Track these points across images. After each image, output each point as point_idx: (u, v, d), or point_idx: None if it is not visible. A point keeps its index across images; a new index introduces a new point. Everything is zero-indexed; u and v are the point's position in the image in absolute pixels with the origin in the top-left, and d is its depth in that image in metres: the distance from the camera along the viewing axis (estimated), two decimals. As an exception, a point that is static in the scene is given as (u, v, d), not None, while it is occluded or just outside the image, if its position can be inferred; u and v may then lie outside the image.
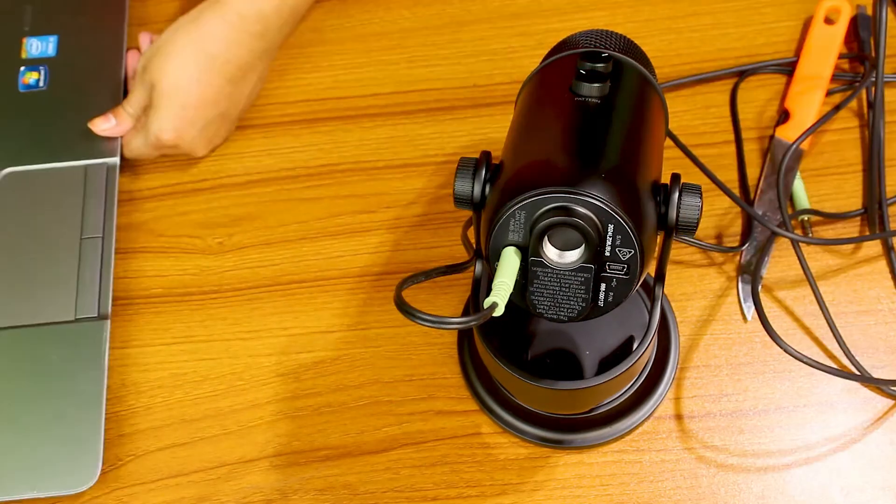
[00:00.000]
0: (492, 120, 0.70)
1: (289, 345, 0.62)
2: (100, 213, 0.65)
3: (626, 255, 0.43)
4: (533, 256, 0.43)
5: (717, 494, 0.55)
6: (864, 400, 0.58)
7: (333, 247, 0.66)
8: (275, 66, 0.71)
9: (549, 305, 0.45)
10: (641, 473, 0.56)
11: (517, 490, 0.56)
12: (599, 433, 0.57)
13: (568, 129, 0.47)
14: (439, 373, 0.60)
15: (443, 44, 0.73)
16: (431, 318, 0.41)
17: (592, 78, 0.47)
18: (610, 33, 0.54)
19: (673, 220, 0.46)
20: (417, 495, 0.57)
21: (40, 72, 0.71)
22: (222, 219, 0.67)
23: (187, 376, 0.62)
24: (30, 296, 0.62)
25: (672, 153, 0.67)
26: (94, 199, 0.65)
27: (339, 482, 0.57)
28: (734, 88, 0.69)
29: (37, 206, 0.66)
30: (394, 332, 0.62)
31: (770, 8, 0.73)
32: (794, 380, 0.59)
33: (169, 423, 0.60)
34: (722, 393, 0.58)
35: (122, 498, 0.58)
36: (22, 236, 0.64)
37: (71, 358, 0.60)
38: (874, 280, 0.61)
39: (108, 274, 0.63)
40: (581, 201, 0.42)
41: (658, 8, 0.74)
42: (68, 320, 0.61)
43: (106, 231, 0.64)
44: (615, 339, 0.56)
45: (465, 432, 0.58)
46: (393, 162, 0.68)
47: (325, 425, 0.59)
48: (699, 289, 0.62)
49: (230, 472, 0.58)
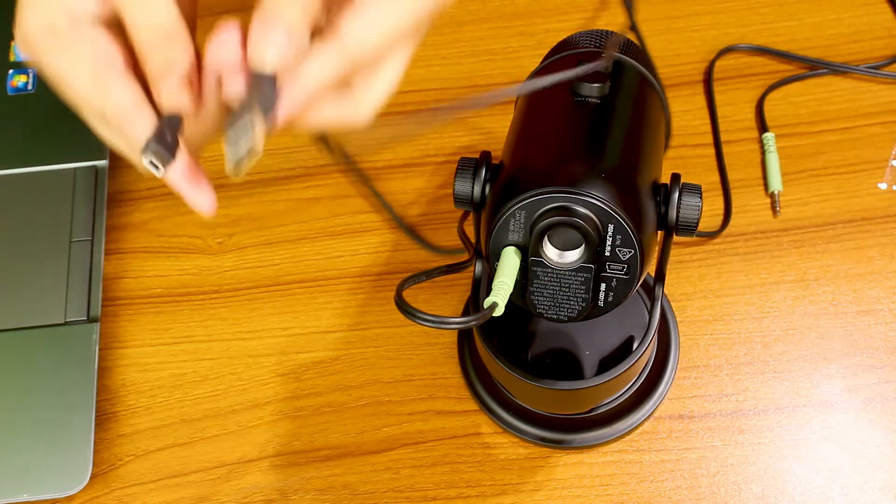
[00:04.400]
0: (492, 120, 0.70)
1: (289, 345, 0.62)
2: (89, 215, 0.65)
3: (626, 255, 0.43)
4: (533, 256, 0.43)
5: (717, 494, 0.55)
6: (865, 400, 0.58)
7: (333, 247, 0.66)
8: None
9: (549, 305, 0.45)
10: (641, 473, 0.56)
11: (517, 490, 0.56)
12: (599, 433, 0.57)
13: (568, 129, 0.47)
14: (439, 373, 0.60)
15: (442, 44, 0.73)
16: (431, 318, 0.41)
17: (592, 78, 0.47)
18: (610, 33, 0.54)
19: (673, 220, 0.46)
20: (417, 495, 0.57)
21: (28, 75, 0.71)
22: (222, 219, 0.67)
23: (187, 376, 0.62)
24: (19, 299, 0.62)
25: (672, 153, 0.67)
26: (83, 202, 0.66)
27: (339, 482, 0.57)
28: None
29: (25, 209, 0.66)
30: (394, 332, 0.62)
31: (769, 8, 0.73)
32: (794, 380, 0.59)
33: (169, 423, 0.60)
34: (722, 393, 0.58)
35: (121, 498, 0.58)
36: (10, 239, 0.64)
37: (60, 361, 0.60)
38: (874, 280, 0.61)
39: (97, 277, 0.63)
40: (581, 201, 0.42)
41: (658, 8, 0.74)
42: (57, 323, 0.61)
43: (95, 234, 0.64)
44: (615, 339, 0.56)
45: (465, 432, 0.58)
46: (393, 162, 0.68)
47: (325, 425, 0.59)
48: (699, 289, 0.62)
49: (230, 472, 0.58)
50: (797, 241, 0.63)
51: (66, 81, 0.40)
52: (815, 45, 0.71)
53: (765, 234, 0.64)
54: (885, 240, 0.63)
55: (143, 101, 0.40)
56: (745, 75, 0.70)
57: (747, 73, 0.70)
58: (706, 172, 0.66)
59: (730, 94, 0.70)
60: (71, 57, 0.40)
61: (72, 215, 0.65)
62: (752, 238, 0.64)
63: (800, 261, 0.62)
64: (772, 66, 0.71)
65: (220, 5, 0.78)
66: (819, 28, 0.72)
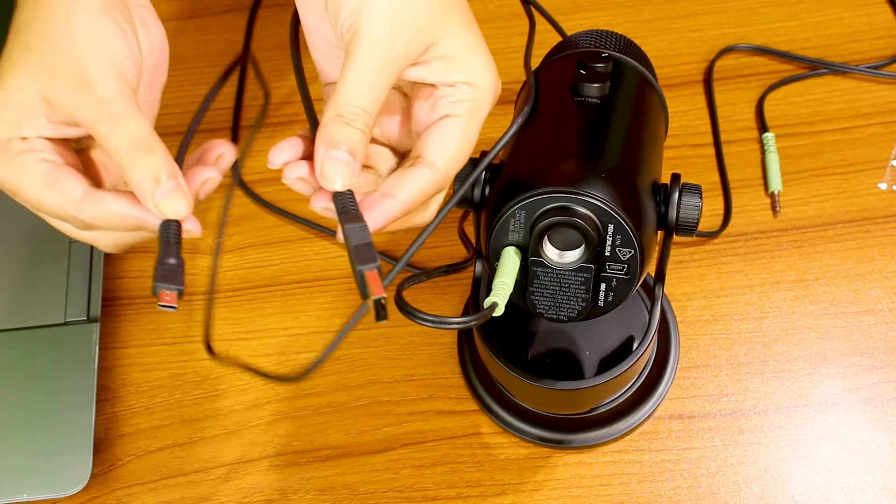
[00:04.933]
0: (492, 120, 0.69)
1: (289, 345, 0.62)
2: None
3: (626, 255, 0.43)
4: (533, 256, 0.43)
5: (717, 494, 0.55)
6: (865, 400, 0.58)
7: (333, 247, 0.66)
8: (275, 66, 0.71)
9: (549, 305, 0.45)
10: (641, 473, 0.56)
11: (517, 490, 0.56)
12: (599, 433, 0.57)
13: (568, 129, 0.47)
14: (439, 373, 0.60)
15: (443, 44, 0.73)
16: (431, 318, 0.41)
17: (592, 78, 0.47)
18: (610, 33, 0.54)
19: (673, 219, 0.46)
20: (417, 495, 0.57)
21: None
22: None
23: (187, 376, 0.62)
24: (19, 299, 0.62)
25: (672, 153, 0.67)
26: None
27: (339, 482, 0.57)
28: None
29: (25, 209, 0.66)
30: (394, 332, 0.62)
31: (769, 8, 0.73)
32: (794, 380, 0.59)
33: (169, 423, 0.60)
34: (722, 393, 0.58)
35: (122, 498, 0.58)
36: (10, 239, 0.64)
37: (60, 361, 0.60)
38: (874, 280, 0.61)
39: (97, 277, 0.63)
40: (581, 201, 0.42)
41: (658, 8, 0.74)
42: (57, 323, 0.61)
43: None
44: (615, 339, 0.56)
45: (465, 432, 0.58)
46: (393, 162, 0.68)
47: (325, 425, 0.59)
48: (699, 289, 0.62)
49: (230, 472, 0.58)
50: (797, 241, 0.63)
51: (22, 190, 0.41)
52: (815, 45, 0.71)
53: (765, 234, 0.64)
54: (885, 240, 0.63)
55: (96, 191, 0.41)
56: (745, 75, 0.70)
57: (747, 73, 0.70)
58: (706, 172, 0.66)
59: (730, 94, 0.70)
60: (24, 167, 0.40)
61: None
62: (752, 238, 0.64)
63: (800, 261, 0.62)
64: (772, 66, 0.71)
65: (221, 5, 0.78)
66: (819, 28, 0.72)
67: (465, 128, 0.43)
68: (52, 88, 0.40)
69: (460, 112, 0.43)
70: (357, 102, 0.41)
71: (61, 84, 0.40)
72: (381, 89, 0.41)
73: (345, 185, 0.40)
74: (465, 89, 0.43)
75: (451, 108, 0.43)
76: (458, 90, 0.43)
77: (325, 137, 0.40)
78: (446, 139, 0.43)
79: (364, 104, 0.41)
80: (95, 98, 0.39)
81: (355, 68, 0.41)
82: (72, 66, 0.40)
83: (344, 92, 0.41)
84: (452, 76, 0.43)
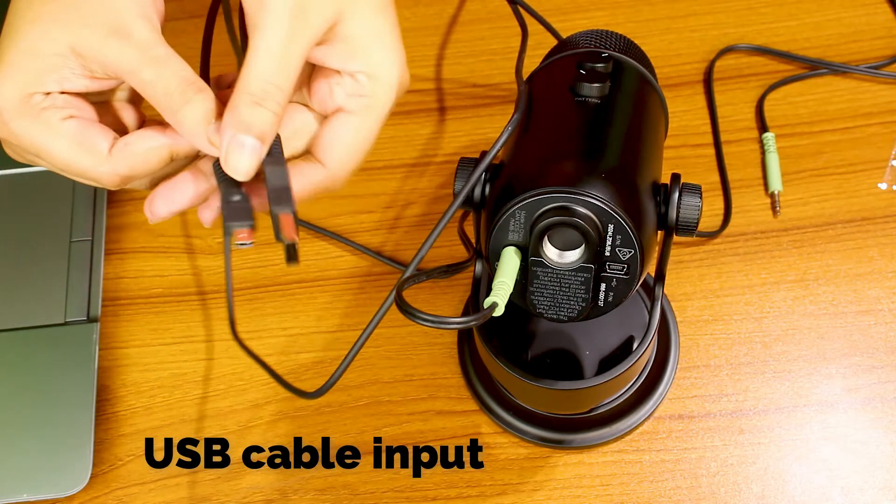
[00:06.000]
0: (492, 120, 0.70)
1: (289, 345, 0.62)
2: (89, 215, 0.65)
3: (626, 255, 0.43)
4: (533, 256, 0.43)
5: (717, 494, 0.55)
6: (865, 400, 0.58)
7: (333, 247, 0.66)
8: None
9: (549, 305, 0.45)
10: (641, 473, 0.56)
11: (517, 490, 0.56)
12: (599, 433, 0.57)
13: (568, 129, 0.47)
14: (439, 373, 0.60)
15: (442, 44, 0.73)
16: (431, 318, 0.41)
17: (592, 78, 0.47)
18: (610, 33, 0.54)
19: (673, 219, 0.46)
20: (417, 495, 0.57)
21: None
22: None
23: (187, 376, 0.61)
24: (19, 299, 0.62)
25: (672, 153, 0.67)
26: (83, 202, 0.66)
27: (339, 482, 0.57)
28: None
29: (26, 209, 0.66)
30: (394, 332, 0.62)
31: (769, 8, 0.73)
32: (794, 380, 0.59)
33: (169, 423, 0.60)
34: (722, 393, 0.58)
35: (122, 498, 0.58)
36: (10, 239, 0.65)
37: (60, 361, 0.60)
38: (874, 280, 0.61)
39: (97, 277, 0.63)
40: (581, 201, 0.42)
41: (658, 8, 0.74)
42: (57, 323, 0.61)
43: (95, 234, 0.64)
44: (615, 339, 0.56)
45: (465, 432, 0.58)
46: (392, 162, 0.68)
47: (325, 425, 0.59)
48: (699, 289, 0.62)
49: (230, 472, 0.58)
50: (797, 241, 0.63)
51: (47, 150, 0.39)
52: (815, 45, 0.71)
53: (765, 234, 0.64)
54: (885, 240, 0.63)
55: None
56: (745, 75, 0.70)
57: (747, 73, 0.70)
58: (706, 172, 0.66)
59: (730, 94, 0.70)
60: (49, 125, 0.39)
61: (72, 215, 0.65)
62: (752, 238, 0.64)
63: (800, 261, 0.62)
64: (772, 66, 0.71)
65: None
66: (819, 28, 0.72)
67: (360, 126, 0.41)
68: (84, 37, 0.38)
69: (355, 108, 0.41)
70: (269, 78, 0.38)
71: (95, 33, 0.38)
72: (295, 62, 0.38)
73: (249, 175, 0.38)
74: (365, 82, 0.40)
75: (348, 102, 0.41)
76: (357, 82, 0.40)
77: (233, 119, 0.38)
78: (340, 140, 0.41)
79: (276, 80, 0.38)
80: (135, 43, 0.38)
81: (265, 39, 0.38)
82: (105, 15, 0.38)
83: (254, 66, 0.38)
84: (352, 64, 0.40)
